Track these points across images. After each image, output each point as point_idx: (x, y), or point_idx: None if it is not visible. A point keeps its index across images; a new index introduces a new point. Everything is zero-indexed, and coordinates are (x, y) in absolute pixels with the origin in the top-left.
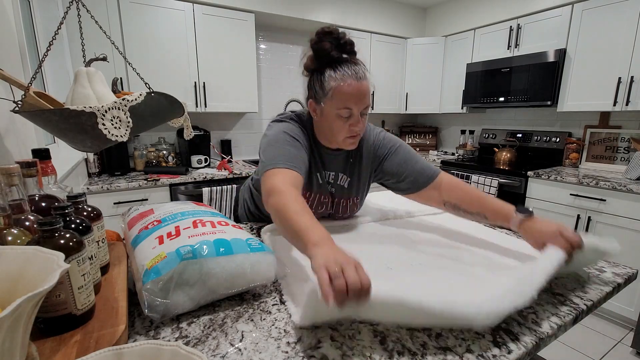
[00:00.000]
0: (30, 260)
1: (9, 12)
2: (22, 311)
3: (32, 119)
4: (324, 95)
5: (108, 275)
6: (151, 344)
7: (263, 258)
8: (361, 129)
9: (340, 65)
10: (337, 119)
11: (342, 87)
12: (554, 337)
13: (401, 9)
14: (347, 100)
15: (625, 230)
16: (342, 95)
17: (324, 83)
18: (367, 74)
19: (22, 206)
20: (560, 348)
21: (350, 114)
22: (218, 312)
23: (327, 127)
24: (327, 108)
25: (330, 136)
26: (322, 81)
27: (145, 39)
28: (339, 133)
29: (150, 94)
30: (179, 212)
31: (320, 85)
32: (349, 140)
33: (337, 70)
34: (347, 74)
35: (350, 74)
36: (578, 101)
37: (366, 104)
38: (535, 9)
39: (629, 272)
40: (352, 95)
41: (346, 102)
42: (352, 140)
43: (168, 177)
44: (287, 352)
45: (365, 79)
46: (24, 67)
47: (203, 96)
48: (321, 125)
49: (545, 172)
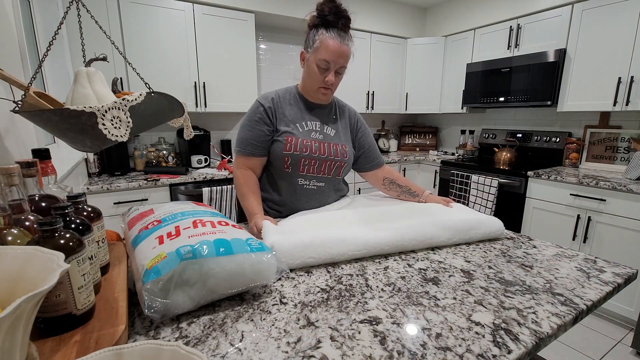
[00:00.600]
0: (30, 260)
1: (9, 12)
2: (22, 311)
3: (32, 119)
4: (311, 45)
5: (108, 275)
6: (151, 344)
7: (263, 258)
8: (333, 84)
9: (332, 28)
10: (316, 68)
11: (326, 42)
12: (554, 337)
13: (401, 9)
14: (327, 53)
15: (625, 230)
16: (324, 49)
17: (315, 36)
18: (350, 44)
19: (22, 206)
20: (560, 348)
21: (327, 67)
22: (218, 312)
23: (307, 75)
24: (311, 57)
25: (308, 84)
26: (315, 34)
27: (145, 39)
28: (315, 82)
29: (150, 94)
30: (179, 212)
31: (312, 37)
32: (321, 91)
33: (328, 30)
34: (334, 34)
35: (336, 35)
36: (578, 101)
37: (342, 64)
38: (535, 9)
39: (629, 272)
40: (332, 51)
41: (326, 54)
42: (324, 91)
43: (168, 177)
44: (287, 352)
45: (347, 45)
46: (24, 67)
47: (203, 96)
48: (304, 75)
49: (545, 172)
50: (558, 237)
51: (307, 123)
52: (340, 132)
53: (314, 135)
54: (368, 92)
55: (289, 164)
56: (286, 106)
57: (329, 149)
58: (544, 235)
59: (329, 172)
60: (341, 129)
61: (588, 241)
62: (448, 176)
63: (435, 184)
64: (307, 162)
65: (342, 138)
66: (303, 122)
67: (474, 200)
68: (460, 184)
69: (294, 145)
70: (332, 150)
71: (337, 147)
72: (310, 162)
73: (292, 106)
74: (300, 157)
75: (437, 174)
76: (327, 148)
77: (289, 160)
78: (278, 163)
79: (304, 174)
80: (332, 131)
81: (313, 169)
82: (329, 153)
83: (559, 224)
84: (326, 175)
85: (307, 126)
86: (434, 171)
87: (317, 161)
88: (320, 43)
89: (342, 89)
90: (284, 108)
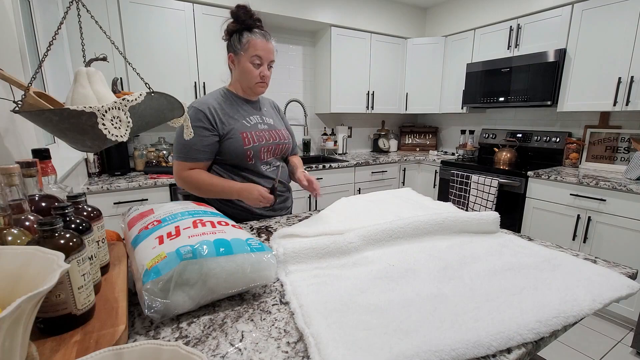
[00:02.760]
0: (30, 260)
1: (9, 12)
2: (22, 311)
3: (32, 119)
4: (241, 48)
5: (108, 275)
6: (151, 344)
7: (263, 258)
8: (267, 77)
9: (254, 29)
10: (250, 66)
11: (255, 41)
12: (554, 337)
13: (401, 9)
14: (257, 50)
15: (625, 230)
16: (254, 47)
17: (242, 39)
18: (273, 41)
19: (22, 206)
20: (560, 348)
21: (260, 62)
22: (218, 312)
23: (242, 74)
24: (243, 58)
25: (245, 82)
26: (241, 38)
27: (145, 39)
28: (252, 78)
29: (150, 94)
30: (179, 212)
31: (239, 41)
32: (259, 84)
33: (251, 32)
34: (258, 34)
35: (260, 34)
36: (578, 101)
37: (271, 58)
38: (535, 9)
39: (629, 272)
40: (261, 48)
41: (257, 51)
42: (261, 84)
43: (168, 177)
44: (287, 352)
45: (271, 42)
46: (24, 67)
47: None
48: (238, 75)
49: (545, 172)
50: (558, 237)
51: (250, 118)
52: (275, 120)
53: (261, 126)
54: (368, 92)
55: (252, 157)
56: (225, 107)
57: (276, 134)
58: (544, 235)
59: (281, 153)
60: (274, 117)
61: (588, 241)
62: (448, 176)
63: (435, 184)
64: (266, 149)
65: (279, 124)
66: (246, 117)
67: (474, 200)
68: (460, 184)
69: (251, 139)
70: (279, 135)
71: (280, 132)
72: (268, 149)
73: (231, 106)
74: (259, 147)
75: (437, 174)
76: (275, 134)
77: (251, 153)
78: (239, 158)
79: (264, 160)
80: (270, 120)
81: (270, 154)
82: (277, 138)
83: (559, 224)
84: (279, 156)
85: (251, 120)
86: (434, 171)
87: (272, 146)
88: (249, 44)
89: (342, 88)
90: (224, 109)
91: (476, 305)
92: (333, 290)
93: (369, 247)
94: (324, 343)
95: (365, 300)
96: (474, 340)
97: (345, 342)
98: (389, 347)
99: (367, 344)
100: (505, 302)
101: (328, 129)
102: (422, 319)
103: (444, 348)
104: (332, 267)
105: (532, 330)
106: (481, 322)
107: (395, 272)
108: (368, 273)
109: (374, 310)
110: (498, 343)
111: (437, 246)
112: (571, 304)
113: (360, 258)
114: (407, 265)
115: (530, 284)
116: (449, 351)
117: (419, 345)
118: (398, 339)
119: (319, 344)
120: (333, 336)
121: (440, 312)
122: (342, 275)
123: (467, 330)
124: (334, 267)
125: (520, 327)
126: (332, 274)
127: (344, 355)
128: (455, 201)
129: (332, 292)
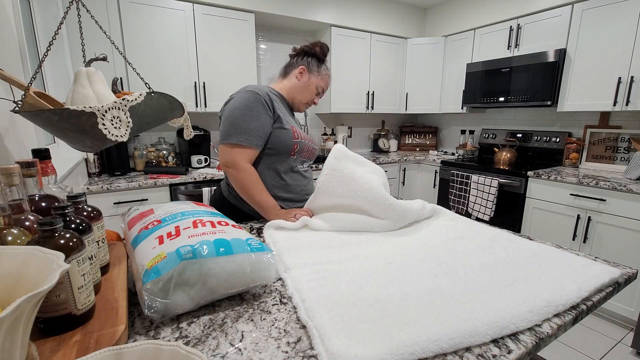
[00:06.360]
0: (30, 260)
1: (9, 12)
2: (22, 311)
3: (32, 119)
4: (318, 73)
5: (108, 275)
6: (151, 344)
7: (263, 258)
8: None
9: (325, 64)
10: (315, 89)
11: (326, 76)
12: (554, 337)
13: (401, 9)
14: (325, 84)
15: (625, 230)
16: (324, 81)
17: (320, 67)
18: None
19: (22, 206)
20: (560, 348)
21: (319, 93)
22: (218, 312)
23: (303, 89)
24: (312, 80)
25: (299, 96)
26: (319, 66)
27: (145, 39)
28: (307, 98)
29: (150, 94)
30: (179, 212)
31: (317, 66)
32: (306, 105)
33: (325, 66)
34: (329, 72)
35: (330, 73)
36: (578, 101)
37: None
38: (535, 9)
39: (629, 272)
40: (327, 84)
41: (325, 85)
42: (306, 106)
43: (168, 177)
44: (287, 352)
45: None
46: (24, 67)
47: (203, 96)
48: (300, 87)
49: (545, 172)
50: (558, 237)
51: (290, 118)
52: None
53: (301, 127)
54: (368, 92)
55: (296, 151)
56: (275, 101)
57: (311, 139)
58: (544, 235)
59: (312, 157)
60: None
61: (588, 241)
62: (448, 176)
63: (435, 184)
64: (307, 148)
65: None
66: (288, 117)
67: (474, 200)
68: (460, 184)
69: (298, 134)
70: (313, 140)
71: (313, 139)
72: (308, 149)
73: (279, 103)
74: (304, 144)
75: (437, 174)
76: (310, 139)
77: (297, 147)
78: (284, 151)
79: (303, 159)
80: (301, 127)
81: (307, 154)
82: (313, 142)
83: (559, 224)
84: (311, 160)
85: (291, 121)
86: (434, 171)
87: (310, 148)
88: (324, 75)
89: (342, 88)
90: (275, 102)
91: (471, 298)
92: (334, 285)
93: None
94: (327, 334)
95: (365, 294)
96: (471, 329)
97: (347, 333)
98: (390, 337)
99: (368, 335)
100: (499, 294)
101: (328, 129)
102: (420, 311)
103: (442, 337)
104: (331, 263)
105: (525, 319)
106: (476, 312)
107: (393, 268)
108: (367, 269)
109: (374, 304)
110: (493, 332)
111: (432, 242)
112: (560, 294)
113: (357, 254)
114: (403, 262)
115: (521, 276)
116: (447, 340)
117: (419, 335)
118: (398, 330)
119: (323, 335)
120: (335, 328)
121: (438, 305)
122: (342, 270)
123: (464, 320)
124: (332, 263)
125: (514, 317)
126: (331, 269)
127: (346, 345)
128: (455, 201)
129: (332, 287)
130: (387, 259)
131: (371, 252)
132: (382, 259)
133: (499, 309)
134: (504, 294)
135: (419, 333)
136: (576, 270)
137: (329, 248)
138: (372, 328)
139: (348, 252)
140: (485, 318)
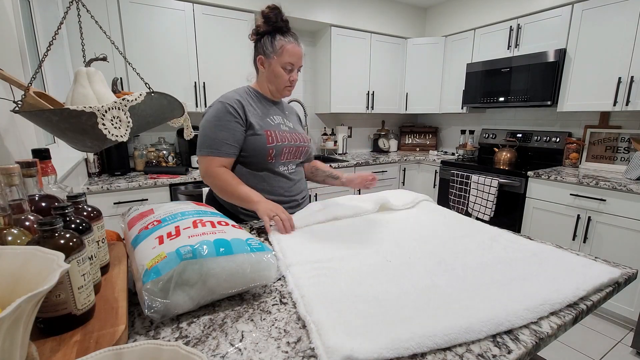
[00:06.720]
0: (30, 260)
1: (9, 12)
2: (22, 311)
3: (32, 119)
4: (273, 51)
5: (108, 275)
6: (151, 344)
7: (263, 258)
8: (295, 81)
9: (286, 33)
10: (282, 71)
11: (288, 47)
12: (554, 337)
13: (401, 9)
14: (290, 57)
15: (625, 230)
16: (287, 53)
17: (274, 43)
18: (301, 44)
19: (22, 206)
20: (560, 348)
21: (292, 69)
22: (218, 312)
23: (272, 77)
24: (274, 62)
25: (274, 85)
26: (273, 42)
27: (145, 39)
28: (282, 82)
29: (150, 94)
30: (179, 212)
31: (271, 44)
32: (287, 88)
33: (285, 35)
34: (292, 39)
35: (293, 39)
36: (578, 101)
37: (301, 64)
38: (535, 9)
39: (629, 272)
40: (294, 55)
41: (290, 58)
42: (289, 89)
43: (168, 177)
44: (287, 352)
45: (300, 46)
46: (24, 67)
47: (203, 96)
48: (267, 77)
49: (545, 172)
50: (558, 237)
51: (273, 117)
52: (295, 124)
53: (283, 127)
54: (368, 92)
55: (273, 155)
56: (251, 104)
57: (297, 137)
58: (544, 235)
59: (299, 156)
60: (295, 122)
61: (588, 241)
62: (448, 176)
63: (435, 184)
64: (287, 150)
65: (299, 129)
66: (270, 116)
67: (474, 200)
68: (460, 184)
69: (274, 137)
70: (299, 138)
71: (300, 135)
72: (290, 150)
73: (256, 104)
74: (282, 146)
75: (437, 174)
76: (296, 136)
77: (273, 151)
78: (260, 156)
79: (284, 161)
80: (290, 123)
81: (290, 156)
82: (298, 140)
83: (559, 224)
84: (298, 159)
85: (275, 120)
86: (434, 171)
87: (293, 148)
88: (282, 49)
89: (342, 88)
90: (251, 105)
91: (468, 295)
92: (333, 283)
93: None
94: (325, 329)
95: (363, 292)
96: (466, 326)
97: (344, 329)
98: (386, 332)
99: (365, 330)
100: (496, 293)
101: (328, 129)
102: (417, 308)
103: (437, 333)
104: (331, 261)
105: (520, 317)
106: (473, 310)
107: (393, 266)
108: (367, 267)
109: (372, 300)
110: (488, 328)
111: (432, 241)
112: (556, 293)
113: (358, 253)
114: (403, 260)
115: (519, 275)
116: (442, 336)
117: (415, 330)
118: (394, 326)
119: (320, 330)
120: (333, 323)
121: (435, 302)
122: (342, 268)
123: (460, 317)
124: (333, 261)
125: (510, 314)
126: (332, 267)
127: (343, 340)
128: (455, 201)
129: (331, 284)
130: (387, 257)
131: (372, 250)
132: (382, 257)
133: (495, 307)
134: (501, 292)
135: (415, 329)
136: (576, 270)
137: (331, 247)
138: (369, 324)
139: (349, 250)
140: (481, 315)
